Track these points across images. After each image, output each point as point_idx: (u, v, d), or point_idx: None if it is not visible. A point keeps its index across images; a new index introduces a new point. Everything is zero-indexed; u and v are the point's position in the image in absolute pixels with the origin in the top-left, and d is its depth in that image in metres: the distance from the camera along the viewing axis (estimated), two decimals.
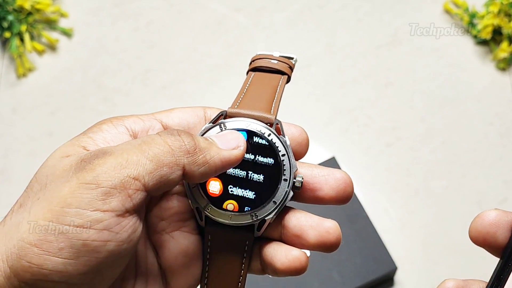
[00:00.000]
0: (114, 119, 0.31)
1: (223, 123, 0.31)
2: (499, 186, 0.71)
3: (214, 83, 0.78)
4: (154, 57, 0.80)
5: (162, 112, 0.32)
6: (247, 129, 0.31)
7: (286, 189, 0.31)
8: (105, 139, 0.30)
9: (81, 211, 0.26)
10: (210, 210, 0.31)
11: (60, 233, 0.26)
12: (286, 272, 0.31)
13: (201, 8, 0.83)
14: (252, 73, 0.35)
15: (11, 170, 0.73)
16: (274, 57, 0.35)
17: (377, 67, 0.79)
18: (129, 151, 0.27)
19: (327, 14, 0.82)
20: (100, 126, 0.30)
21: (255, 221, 0.31)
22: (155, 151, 0.27)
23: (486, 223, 0.26)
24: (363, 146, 0.74)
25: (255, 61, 0.35)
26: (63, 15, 0.82)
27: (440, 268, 0.67)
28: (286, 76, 0.35)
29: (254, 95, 0.33)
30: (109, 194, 0.26)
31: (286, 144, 0.31)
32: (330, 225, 0.31)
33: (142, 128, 0.31)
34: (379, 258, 0.64)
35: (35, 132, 0.75)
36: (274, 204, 0.31)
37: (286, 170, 0.31)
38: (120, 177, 0.26)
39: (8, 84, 0.78)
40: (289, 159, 0.31)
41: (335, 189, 0.31)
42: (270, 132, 0.31)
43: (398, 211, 0.70)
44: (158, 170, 0.27)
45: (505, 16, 0.77)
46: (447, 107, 0.76)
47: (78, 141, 0.29)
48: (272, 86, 0.34)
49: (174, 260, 0.32)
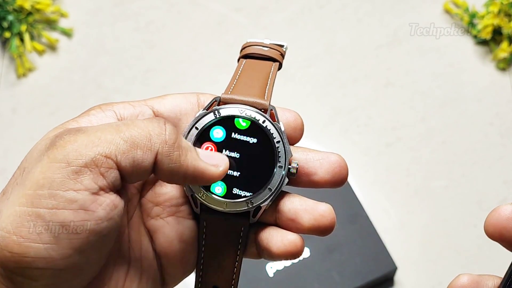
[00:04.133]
0: (104, 105, 0.30)
1: (217, 110, 0.31)
2: (499, 186, 0.71)
3: (214, 83, 0.78)
4: (154, 57, 0.80)
5: (154, 99, 0.32)
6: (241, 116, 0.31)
7: (281, 175, 0.31)
8: (91, 121, 0.29)
9: (54, 192, 0.25)
10: (206, 197, 0.31)
11: (37, 217, 0.25)
12: (282, 256, 0.31)
13: (201, 8, 0.83)
14: (243, 60, 0.35)
15: (11, 170, 0.73)
16: (265, 44, 0.35)
17: (377, 67, 0.79)
18: (104, 130, 0.27)
19: (327, 14, 0.82)
20: (89, 111, 0.30)
21: (250, 208, 0.31)
22: (132, 133, 0.27)
23: (503, 218, 0.26)
24: (363, 146, 0.74)
25: (246, 48, 0.35)
26: (63, 15, 0.82)
27: (440, 268, 0.67)
28: (277, 63, 0.34)
29: (247, 81, 0.33)
30: (80, 173, 0.25)
31: (281, 130, 0.31)
32: (324, 209, 0.31)
33: (131, 114, 0.30)
34: (379, 258, 0.64)
35: (35, 132, 0.75)
36: (269, 191, 0.31)
37: (281, 156, 0.31)
38: (91, 154, 0.26)
39: (8, 84, 0.78)
40: (284, 145, 0.31)
41: (330, 172, 0.31)
42: (264, 118, 0.31)
43: (398, 211, 0.70)
44: (132, 152, 0.26)
45: (505, 16, 0.77)
46: (447, 107, 0.76)
47: (64, 125, 0.29)
48: (265, 72, 0.33)
49: (169, 246, 0.32)
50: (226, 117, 0.31)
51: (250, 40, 0.36)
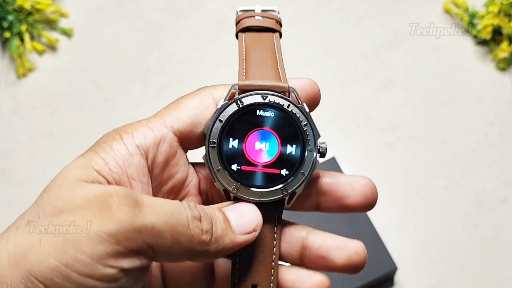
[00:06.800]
0: (123, 133, 0.30)
1: (239, 100, 0.31)
2: (499, 186, 0.71)
3: (214, 83, 0.78)
4: (154, 57, 0.80)
5: (170, 110, 0.31)
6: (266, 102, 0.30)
7: (312, 158, 0.31)
8: (118, 163, 0.29)
9: (92, 262, 0.25)
10: (239, 191, 0.31)
11: (66, 278, 0.25)
12: None
13: (201, 8, 0.83)
14: (242, 34, 0.34)
15: (11, 170, 0.73)
16: (258, 13, 0.34)
17: (377, 67, 0.79)
18: (158, 216, 0.27)
19: (327, 14, 0.82)
20: (111, 143, 0.29)
21: (285, 195, 0.31)
22: (179, 230, 0.27)
23: None
24: (363, 146, 0.74)
25: (241, 21, 0.34)
26: (63, 15, 0.82)
27: (440, 268, 0.67)
28: (278, 34, 0.34)
29: (256, 61, 0.32)
30: (124, 255, 0.26)
31: (306, 111, 0.31)
32: (357, 246, 0.31)
33: (153, 141, 0.30)
34: (379, 258, 0.64)
35: (35, 132, 0.75)
36: (302, 175, 0.31)
37: (310, 139, 0.31)
38: (139, 242, 0.26)
39: (8, 84, 0.78)
40: (311, 127, 0.31)
41: (363, 195, 0.32)
42: (289, 103, 0.31)
43: (398, 211, 0.70)
44: (173, 248, 0.27)
45: (505, 16, 0.77)
46: (447, 107, 0.76)
47: (91, 162, 0.28)
48: (269, 47, 0.33)
49: (179, 277, 0.32)
50: (249, 105, 0.31)
51: (240, 9, 0.35)
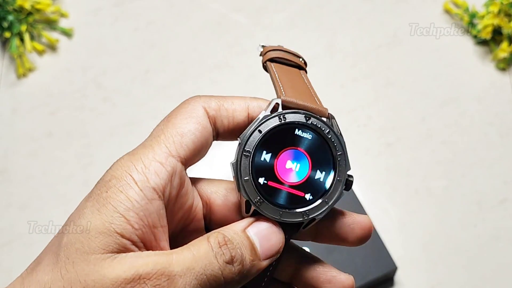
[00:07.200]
0: (134, 172, 0.28)
1: (283, 115, 0.30)
2: (499, 186, 0.71)
3: (214, 83, 0.78)
4: (154, 57, 0.80)
5: (171, 137, 0.30)
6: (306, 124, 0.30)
7: (339, 189, 0.30)
8: (139, 216, 0.28)
9: None
10: (261, 205, 0.30)
11: None
12: None
13: (201, 8, 0.83)
14: (271, 63, 0.34)
15: (11, 170, 0.73)
16: (288, 50, 0.34)
17: (377, 67, 0.79)
18: (190, 283, 0.27)
19: (327, 14, 0.82)
20: (126, 192, 0.28)
21: (305, 220, 0.30)
22: (211, 282, 0.27)
23: None
24: (363, 146, 0.74)
25: (269, 52, 0.34)
26: (63, 15, 0.82)
27: (440, 268, 0.67)
28: (304, 71, 0.34)
29: (292, 85, 0.32)
30: None
31: (343, 142, 0.31)
32: (347, 281, 0.32)
33: (166, 179, 0.29)
34: (379, 258, 0.64)
35: (35, 132, 0.75)
36: (325, 203, 0.30)
37: (341, 170, 0.30)
38: None
39: (8, 84, 0.78)
40: (345, 159, 0.30)
41: (360, 237, 0.32)
42: (329, 129, 0.31)
43: (398, 211, 0.70)
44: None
45: (505, 16, 0.77)
46: (447, 107, 0.76)
47: (112, 225, 0.27)
48: (300, 78, 0.33)
49: None
50: (291, 123, 0.30)
51: (267, 44, 0.34)
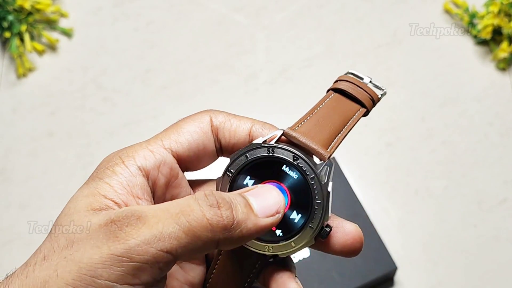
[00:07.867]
0: (124, 155, 0.30)
1: (272, 149, 0.30)
2: (499, 186, 0.71)
3: (214, 83, 0.78)
4: (154, 57, 0.80)
5: (169, 134, 0.31)
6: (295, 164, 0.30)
7: (308, 235, 0.30)
8: (122, 184, 0.29)
9: (111, 284, 0.25)
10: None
11: None
12: None
13: (201, 8, 0.83)
14: (332, 93, 0.33)
15: (11, 170, 0.73)
16: (361, 84, 0.33)
17: (377, 67, 0.79)
18: (165, 221, 0.26)
19: (327, 14, 0.82)
20: (113, 168, 0.29)
21: (268, 254, 0.31)
22: (193, 224, 0.26)
23: None
24: (363, 146, 0.74)
25: (339, 81, 0.34)
26: (63, 15, 0.82)
27: (440, 268, 0.67)
28: (364, 110, 0.33)
29: (322, 120, 0.31)
30: (141, 269, 0.26)
31: (327, 193, 0.30)
32: None
33: (153, 164, 0.30)
34: (379, 258, 0.64)
35: (35, 132, 0.75)
36: (291, 247, 0.30)
37: (315, 219, 0.30)
38: (153, 251, 0.26)
39: (8, 84, 0.78)
40: (322, 210, 0.30)
41: (341, 244, 0.31)
42: (314, 175, 0.30)
43: (398, 211, 0.70)
44: (192, 244, 0.26)
45: (505, 16, 0.77)
46: (447, 107, 0.76)
47: (97, 189, 0.29)
48: (346, 116, 0.32)
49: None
50: (278, 158, 0.30)
51: (350, 73, 0.34)
